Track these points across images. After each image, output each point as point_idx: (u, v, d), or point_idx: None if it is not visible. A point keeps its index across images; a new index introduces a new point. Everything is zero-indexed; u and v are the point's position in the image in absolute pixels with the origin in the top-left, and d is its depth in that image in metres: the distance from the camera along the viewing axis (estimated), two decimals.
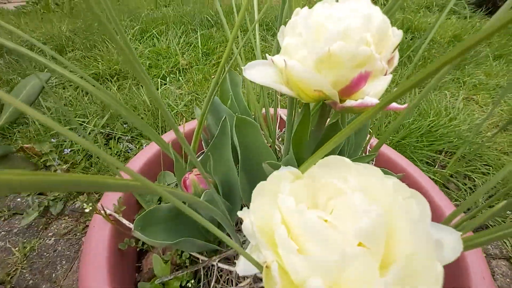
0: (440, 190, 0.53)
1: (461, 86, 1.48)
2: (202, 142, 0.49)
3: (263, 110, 0.47)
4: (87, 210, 0.34)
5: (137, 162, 0.50)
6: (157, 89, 1.31)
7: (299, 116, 0.24)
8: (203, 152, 0.57)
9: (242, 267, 0.17)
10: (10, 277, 0.72)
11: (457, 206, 0.84)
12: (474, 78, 1.53)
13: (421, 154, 1.00)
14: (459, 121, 1.13)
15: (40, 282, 0.73)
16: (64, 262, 0.79)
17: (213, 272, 0.38)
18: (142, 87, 1.30)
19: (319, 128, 0.25)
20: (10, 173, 0.09)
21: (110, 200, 0.41)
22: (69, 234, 0.85)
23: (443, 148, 1.05)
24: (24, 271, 0.74)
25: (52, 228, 0.87)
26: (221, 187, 0.35)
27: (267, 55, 0.21)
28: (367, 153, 0.52)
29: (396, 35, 0.19)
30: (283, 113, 0.63)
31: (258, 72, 0.22)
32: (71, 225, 0.88)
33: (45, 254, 0.80)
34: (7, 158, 0.30)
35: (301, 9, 0.19)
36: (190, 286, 0.37)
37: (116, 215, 0.39)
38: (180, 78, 1.44)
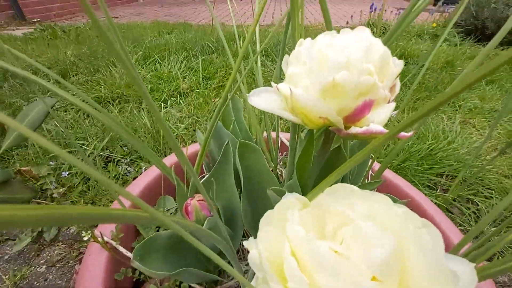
0: (445, 215, 0.52)
1: (457, 110, 1.51)
2: (203, 166, 0.48)
3: (265, 133, 0.47)
4: (85, 238, 0.33)
5: (137, 185, 0.49)
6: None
7: (303, 142, 0.24)
8: (203, 176, 0.56)
9: None
10: None
11: (462, 231, 0.82)
12: (469, 102, 1.56)
13: (422, 177, 1.00)
14: (457, 144, 1.14)
15: None
16: None
17: None
18: (143, 110, 1.31)
19: (322, 153, 0.25)
20: (13, 208, 0.08)
21: (108, 227, 0.40)
22: (61, 262, 0.82)
23: (444, 172, 1.04)
24: None
25: (44, 255, 0.84)
26: (223, 213, 0.34)
27: (272, 83, 0.21)
28: (369, 178, 0.51)
29: (397, 65, 0.19)
30: (284, 137, 0.63)
31: (263, 100, 0.22)
32: (64, 251, 0.85)
33: (35, 283, 0.76)
34: (7, 184, 0.29)
35: (304, 40, 0.20)
36: None
37: (113, 243, 0.37)
38: (180, 101, 1.47)
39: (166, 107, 1.40)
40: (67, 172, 0.97)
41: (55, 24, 2.99)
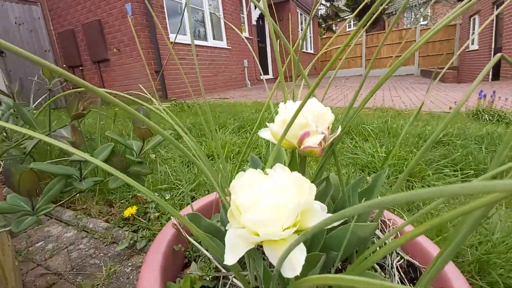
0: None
1: None
2: None
3: None
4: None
5: (195, 205, 0.74)
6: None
7: (290, 159, 0.43)
8: None
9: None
10: None
11: None
12: None
13: None
14: None
15: None
16: None
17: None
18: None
19: (302, 166, 0.42)
20: None
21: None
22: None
23: None
24: (103, 287, 0.99)
25: (132, 259, 1.13)
26: None
27: (267, 123, 0.43)
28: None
29: (330, 116, 0.38)
30: None
31: (265, 133, 0.44)
32: None
33: (120, 278, 1.04)
34: (141, 164, 0.57)
35: (282, 104, 0.42)
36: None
37: (179, 226, 0.60)
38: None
39: (248, 163, 1.72)
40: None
41: (185, 101, 4.11)
